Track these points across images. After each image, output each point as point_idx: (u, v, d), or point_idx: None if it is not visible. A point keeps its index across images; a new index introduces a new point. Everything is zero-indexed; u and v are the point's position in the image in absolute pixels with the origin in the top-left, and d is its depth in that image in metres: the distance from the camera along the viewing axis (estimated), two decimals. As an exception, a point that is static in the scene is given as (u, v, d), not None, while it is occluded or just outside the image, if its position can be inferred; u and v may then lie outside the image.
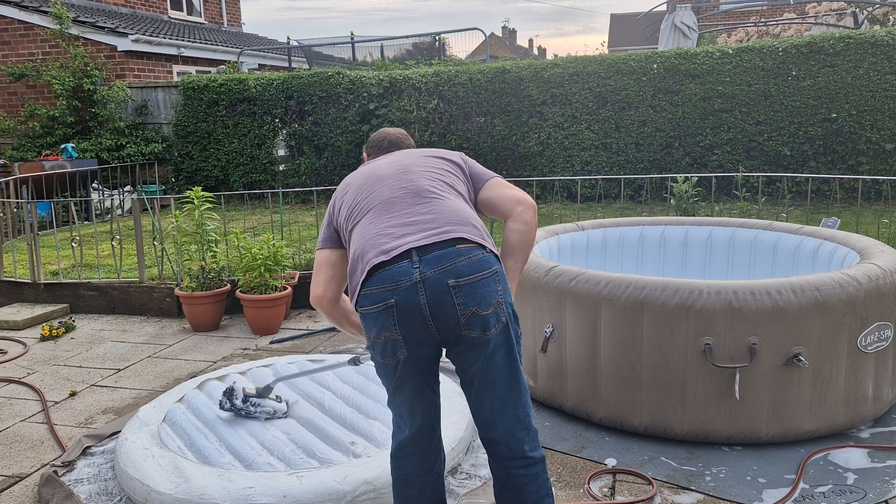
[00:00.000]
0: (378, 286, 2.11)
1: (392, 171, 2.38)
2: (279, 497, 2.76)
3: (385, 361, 2.19)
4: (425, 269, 2.09)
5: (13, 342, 5.38)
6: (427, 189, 2.30)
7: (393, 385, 2.23)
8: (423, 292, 2.08)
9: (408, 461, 2.31)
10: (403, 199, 2.27)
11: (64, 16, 11.63)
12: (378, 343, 2.16)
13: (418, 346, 2.14)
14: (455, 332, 2.12)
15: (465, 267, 2.11)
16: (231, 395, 3.47)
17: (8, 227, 7.26)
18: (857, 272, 3.31)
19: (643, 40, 23.21)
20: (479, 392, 2.20)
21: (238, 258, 5.57)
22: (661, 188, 9.44)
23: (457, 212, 2.24)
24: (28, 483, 3.26)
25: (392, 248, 2.13)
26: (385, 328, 2.12)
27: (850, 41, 8.82)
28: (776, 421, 3.23)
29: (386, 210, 2.25)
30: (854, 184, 8.85)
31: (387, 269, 2.11)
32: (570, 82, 9.83)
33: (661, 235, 4.81)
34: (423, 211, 2.23)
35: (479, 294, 2.10)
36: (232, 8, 20.26)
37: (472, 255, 2.13)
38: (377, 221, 2.24)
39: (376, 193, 2.32)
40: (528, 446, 2.22)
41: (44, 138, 11.62)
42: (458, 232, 2.16)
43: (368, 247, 2.18)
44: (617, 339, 3.35)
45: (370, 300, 2.13)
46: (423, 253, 2.11)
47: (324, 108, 10.73)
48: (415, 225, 2.19)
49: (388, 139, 2.66)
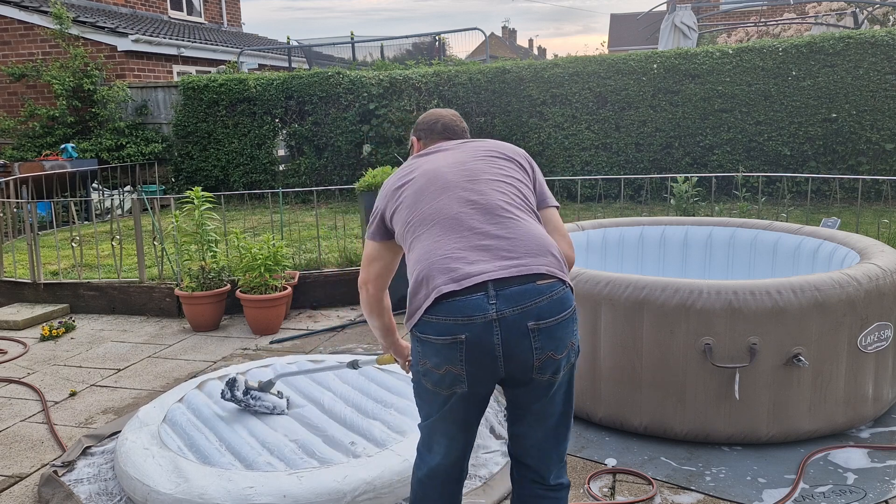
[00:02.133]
0: (447, 317, 1.93)
1: (458, 176, 2.17)
2: (279, 497, 2.76)
3: (437, 391, 2.03)
4: (503, 307, 1.91)
5: (13, 342, 5.38)
6: (499, 206, 2.10)
7: (439, 416, 2.08)
8: (497, 331, 1.92)
9: (436, 489, 2.20)
10: (473, 216, 2.07)
11: (64, 16, 11.63)
12: (435, 373, 1.99)
13: (481, 383, 1.99)
14: (525, 375, 1.98)
15: (546, 307, 1.94)
16: (233, 385, 3.48)
17: (8, 227, 7.26)
18: (857, 272, 3.31)
19: (643, 40, 23.21)
20: (529, 425, 2.12)
21: (238, 258, 5.57)
22: (661, 188, 9.44)
23: (535, 238, 2.05)
24: (28, 483, 3.26)
25: (464, 277, 1.94)
26: (448, 362, 1.95)
27: (850, 41, 8.82)
28: (776, 421, 3.23)
29: (454, 228, 2.05)
30: (854, 184, 8.85)
31: (457, 299, 1.93)
32: (570, 82, 9.83)
33: (661, 235, 4.81)
34: (496, 233, 2.03)
35: (556, 337, 1.97)
36: (232, 8, 20.26)
37: (553, 293, 1.97)
38: (444, 241, 2.04)
39: (442, 205, 2.11)
40: (557, 474, 2.19)
41: (44, 138, 11.62)
42: (539, 266, 1.98)
43: (436, 271, 1.98)
44: (617, 339, 3.35)
45: (436, 330, 1.95)
46: (500, 287, 1.93)
47: (324, 108, 10.74)
48: (489, 251, 1.99)
49: (442, 122, 2.45)
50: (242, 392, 3.48)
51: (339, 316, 5.75)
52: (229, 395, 3.49)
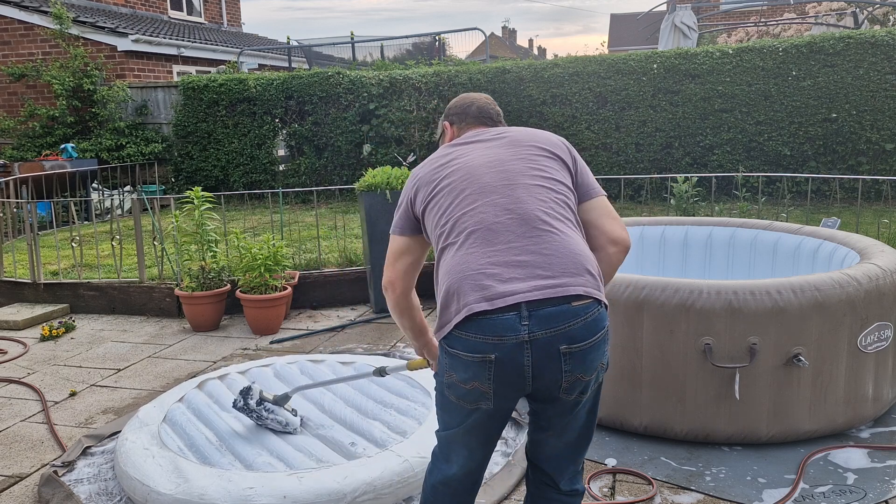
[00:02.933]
0: (478, 335, 1.89)
1: (495, 179, 2.07)
2: (279, 497, 2.76)
3: (461, 405, 2.00)
4: (535, 329, 1.86)
5: (13, 342, 5.38)
6: (537, 216, 2.00)
7: (462, 429, 2.05)
8: (528, 353, 1.87)
9: (447, 499, 2.19)
10: (510, 227, 1.98)
11: (64, 16, 11.63)
12: (461, 387, 1.96)
13: (506, 400, 1.97)
14: (552, 394, 1.96)
15: (580, 331, 1.89)
16: (247, 394, 3.32)
17: (8, 227, 7.26)
18: (857, 272, 3.31)
19: (643, 40, 23.22)
20: (549, 437, 2.11)
21: (238, 258, 5.57)
22: (661, 188, 9.44)
23: (572, 255, 1.96)
24: (28, 483, 3.26)
25: (497, 296, 1.88)
26: (476, 378, 1.92)
27: (850, 41, 8.82)
28: (776, 421, 3.23)
29: (489, 240, 1.97)
30: (854, 184, 8.85)
31: (490, 318, 1.87)
32: (570, 82, 9.83)
33: (661, 235, 4.81)
34: (533, 248, 1.95)
35: (588, 359, 1.92)
36: (232, 8, 20.26)
37: (587, 315, 1.91)
38: (478, 253, 1.96)
39: (477, 213, 2.02)
40: (573, 481, 2.19)
41: (44, 138, 11.62)
42: (575, 287, 1.91)
43: (468, 287, 1.92)
44: (617, 339, 3.35)
45: (464, 346, 1.91)
46: (533, 308, 1.87)
47: (324, 108, 10.74)
48: (524, 267, 1.92)
49: (477, 104, 2.36)
50: (256, 402, 3.30)
51: (339, 316, 5.75)
52: (242, 403, 3.32)
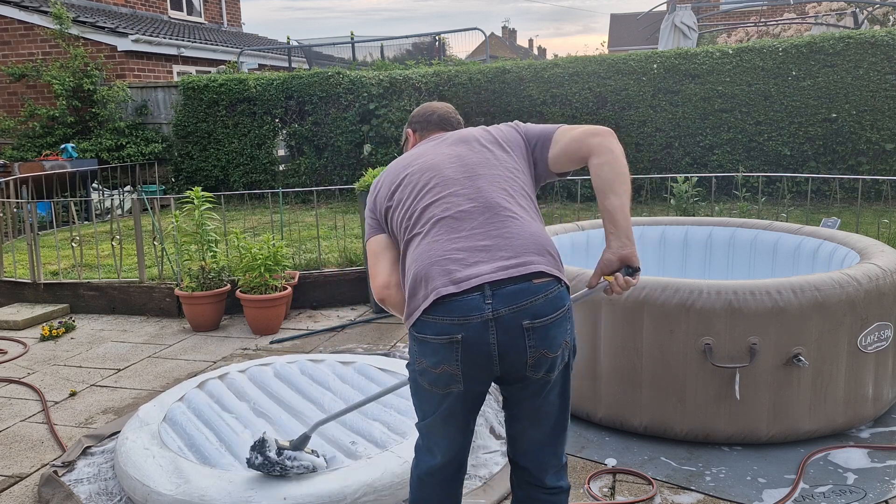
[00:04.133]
0: (443, 317, 1.95)
1: (455, 172, 2.17)
2: (279, 498, 2.76)
3: (433, 391, 2.05)
4: (498, 307, 1.93)
5: (13, 342, 5.38)
6: (498, 203, 2.10)
7: (436, 416, 2.10)
8: (493, 331, 1.93)
9: (434, 489, 2.21)
10: (473, 214, 2.07)
11: (64, 16, 11.63)
12: (431, 372, 2.00)
13: (476, 382, 2.01)
14: (519, 373, 2.00)
15: (542, 306, 1.96)
16: (263, 447, 2.89)
17: (8, 227, 7.26)
18: (857, 272, 3.31)
19: (643, 40, 23.21)
20: (524, 425, 2.13)
21: (238, 258, 5.57)
22: (661, 188, 9.44)
23: (532, 237, 2.06)
24: (28, 483, 3.26)
25: (463, 279, 1.95)
26: (444, 361, 1.97)
27: (850, 41, 8.82)
28: (776, 421, 3.23)
29: (453, 227, 2.06)
30: (854, 184, 8.85)
31: (455, 300, 1.95)
32: (570, 82, 9.83)
33: (661, 235, 4.81)
34: (496, 233, 2.04)
35: (551, 335, 1.98)
36: (232, 8, 20.26)
37: (548, 292, 1.98)
38: (442, 240, 2.04)
39: (441, 203, 2.11)
40: (556, 477, 2.19)
41: (44, 138, 11.62)
42: (536, 265, 1.99)
43: (434, 272, 1.99)
44: (617, 339, 3.35)
45: (431, 330, 1.97)
46: (496, 287, 1.94)
47: (324, 108, 10.73)
48: (487, 251, 2.01)
49: (438, 113, 2.44)
50: (275, 452, 2.89)
51: (339, 316, 5.75)
52: (259, 459, 2.88)
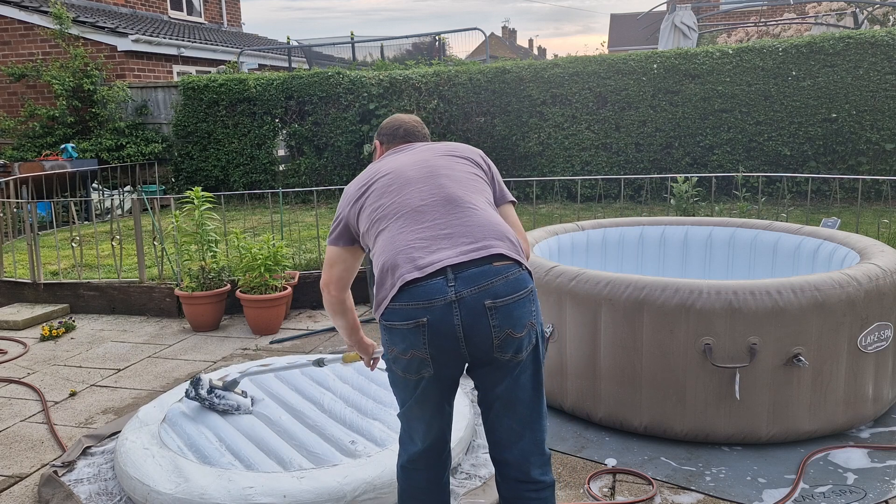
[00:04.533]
0: (409, 302, 2.02)
1: (419, 173, 2.27)
2: (279, 497, 2.76)
3: (407, 377, 2.11)
4: (461, 288, 2.01)
5: (13, 342, 5.38)
6: (459, 197, 2.20)
7: (412, 401, 2.16)
8: (457, 312, 2.00)
9: (419, 475, 2.26)
10: (435, 207, 2.17)
11: (64, 16, 11.63)
12: (402, 359, 2.08)
13: (446, 366, 2.07)
14: (487, 355, 2.05)
15: (503, 287, 2.03)
16: (197, 385, 3.51)
17: (8, 227, 7.26)
18: (857, 272, 3.31)
19: (643, 40, 23.22)
20: (499, 413, 2.16)
21: (238, 258, 5.57)
22: (661, 188, 9.44)
23: (491, 223, 2.15)
24: (28, 483, 3.26)
25: (427, 265, 2.04)
26: (413, 346, 2.04)
27: (850, 41, 8.82)
28: (776, 421, 3.23)
29: (416, 219, 2.15)
30: (854, 184, 8.85)
31: (420, 285, 2.02)
32: (570, 82, 9.83)
33: (661, 235, 4.81)
34: (457, 222, 2.13)
35: (514, 315, 2.03)
36: (232, 8, 20.26)
37: (508, 273, 2.05)
38: (407, 231, 2.13)
39: (404, 199, 2.21)
40: (541, 470, 2.19)
41: (44, 138, 11.62)
42: (496, 248, 2.07)
43: (400, 260, 2.07)
44: (617, 339, 3.35)
45: (399, 316, 2.04)
46: (458, 270, 2.02)
47: (324, 108, 10.74)
48: (449, 238, 2.09)
49: (404, 127, 2.53)
50: (206, 391, 3.50)
51: (339, 316, 5.74)
52: (193, 393, 3.51)
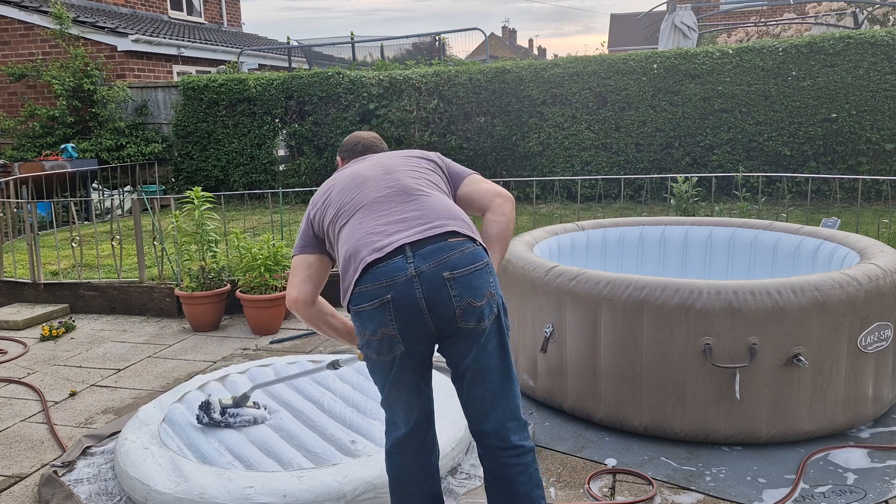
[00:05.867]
0: (373, 283, 2.13)
1: (375, 172, 2.42)
2: (279, 497, 2.76)
3: (381, 359, 2.20)
4: (420, 264, 2.12)
5: (13, 342, 5.38)
6: (413, 187, 2.34)
7: (389, 382, 2.24)
8: (418, 286, 2.11)
9: (404, 458, 2.32)
10: (391, 197, 2.31)
11: (64, 16, 11.63)
12: (374, 340, 2.17)
13: (415, 341, 2.16)
14: (451, 325, 2.15)
15: (459, 260, 2.15)
16: (208, 409, 3.38)
17: (8, 227, 7.26)
18: (857, 272, 3.31)
19: (643, 40, 23.22)
20: (471, 384, 2.23)
21: (238, 258, 5.57)
22: (661, 188, 9.44)
23: (445, 207, 2.29)
24: (28, 483, 3.26)
25: (385, 246, 2.15)
26: (381, 324, 2.14)
27: (850, 41, 8.82)
28: (776, 421, 3.23)
29: (374, 209, 2.28)
30: (854, 184, 8.85)
31: (381, 265, 2.13)
32: (570, 82, 9.83)
33: (661, 235, 4.81)
34: (412, 208, 2.26)
35: (473, 285, 2.15)
36: (232, 8, 20.26)
37: (464, 248, 2.17)
38: (367, 221, 2.26)
39: (363, 194, 2.35)
40: (519, 436, 2.25)
41: (44, 138, 11.62)
42: (449, 226, 2.20)
43: (361, 245, 2.19)
44: (617, 339, 3.35)
45: (365, 298, 2.14)
46: (416, 248, 2.14)
47: (324, 108, 10.74)
48: (405, 222, 2.22)
49: (363, 143, 2.68)
50: (219, 413, 3.37)
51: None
52: (206, 419, 3.37)
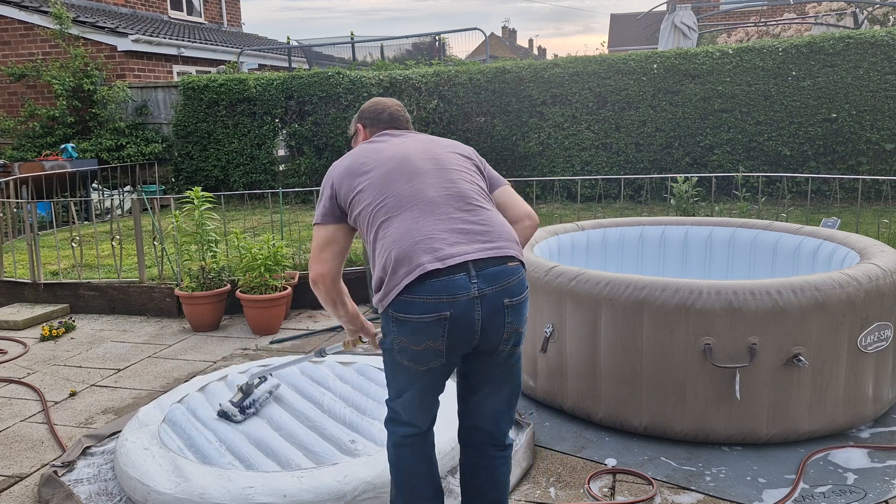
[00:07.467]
0: (432, 296, 2.07)
1: (427, 165, 2.30)
2: (279, 497, 2.76)
3: (415, 367, 2.18)
4: (483, 286, 2.10)
5: (13, 342, 5.38)
6: (471, 195, 2.27)
7: (416, 389, 2.23)
8: (479, 309, 2.10)
9: (414, 450, 2.34)
10: (449, 202, 2.22)
11: (64, 16, 11.63)
12: (412, 349, 2.14)
13: (456, 355, 2.17)
14: (493, 345, 2.18)
15: (516, 287, 2.17)
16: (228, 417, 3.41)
17: (8, 227, 7.26)
18: (857, 272, 3.31)
19: (643, 40, 23.22)
20: (486, 395, 2.31)
21: (238, 258, 5.57)
22: (661, 188, 9.44)
23: (503, 225, 2.25)
24: (28, 483, 3.26)
25: (447, 256, 2.09)
26: (430, 338, 2.10)
27: (850, 41, 8.82)
28: (776, 421, 3.23)
29: (431, 211, 2.19)
30: (854, 184, 8.85)
31: (441, 279, 2.07)
32: (570, 82, 9.83)
33: (661, 235, 4.81)
34: (472, 220, 2.20)
35: (522, 313, 2.20)
36: (232, 8, 20.26)
37: (519, 274, 2.19)
38: (423, 222, 2.16)
39: (417, 188, 2.23)
40: (510, 435, 2.43)
41: (44, 138, 11.62)
42: (510, 249, 2.19)
43: (419, 250, 2.10)
44: (617, 339, 3.35)
45: (418, 309, 2.08)
46: (479, 267, 2.11)
47: (324, 108, 10.74)
48: (466, 234, 2.16)
49: (389, 111, 2.54)
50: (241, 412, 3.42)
51: (339, 316, 5.74)
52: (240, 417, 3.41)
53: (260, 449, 3.16)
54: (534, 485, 3.06)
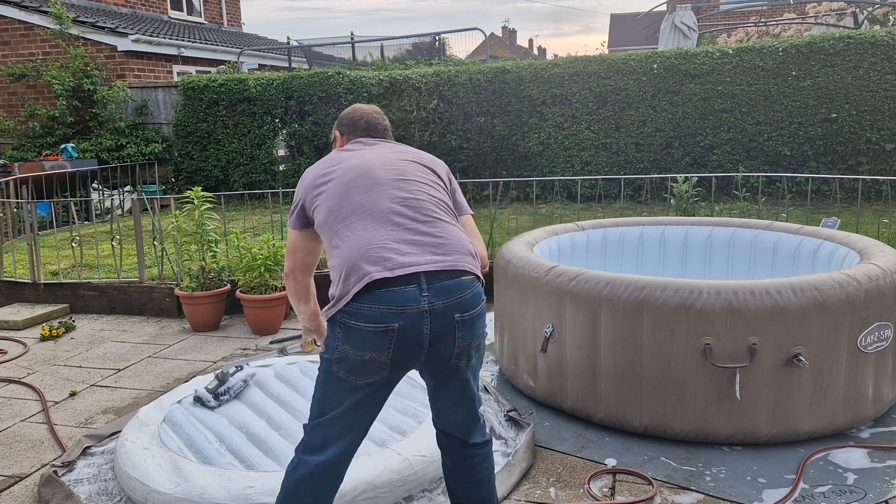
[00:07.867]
0: (380, 306, 2.04)
1: (388, 174, 2.28)
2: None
3: (353, 380, 2.11)
4: (434, 300, 2.07)
5: (13, 342, 5.38)
6: (428, 206, 2.25)
7: (349, 404, 2.14)
8: (428, 322, 2.07)
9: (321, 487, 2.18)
10: (405, 212, 2.20)
11: (64, 16, 11.63)
12: (355, 360, 2.08)
13: (401, 369, 2.13)
14: (445, 361, 2.17)
15: (469, 301, 2.14)
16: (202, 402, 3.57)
17: (8, 227, 7.26)
18: (857, 272, 3.31)
19: (643, 40, 23.23)
20: (449, 406, 2.34)
21: (238, 258, 5.57)
22: (661, 188, 9.44)
23: (459, 239, 2.22)
24: (28, 483, 3.26)
25: (397, 266, 2.07)
26: (376, 349, 2.06)
27: (850, 41, 8.82)
28: (776, 421, 3.23)
29: (387, 221, 2.17)
30: (854, 184, 8.85)
31: (391, 289, 2.05)
32: (570, 82, 9.83)
33: (661, 235, 4.81)
34: (427, 231, 2.18)
35: (475, 328, 2.17)
36: (232, 8, 20.26)
37: (473, 288, 2.16)
38: (377, 231, 2.14)
39: (374, 198, 2.21)
40: (479, 434, 2.41)
41: (44, 138, 11.62)
42: (464, 263, 2.16)
43: (370, 258, 2.09)
44: (617, 339, 3.35)
45: (365, 318, 2.05)
46: (431, 280, 2.08)
47: (324, 108, 10.73)
48: (419, 245, 2.14)
49: (365, 119, 2.51)
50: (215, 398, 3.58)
51: (339, 316, 5.74)
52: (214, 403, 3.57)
53: (260, 449, 3.16)
54: (534, 485, 3.06)
